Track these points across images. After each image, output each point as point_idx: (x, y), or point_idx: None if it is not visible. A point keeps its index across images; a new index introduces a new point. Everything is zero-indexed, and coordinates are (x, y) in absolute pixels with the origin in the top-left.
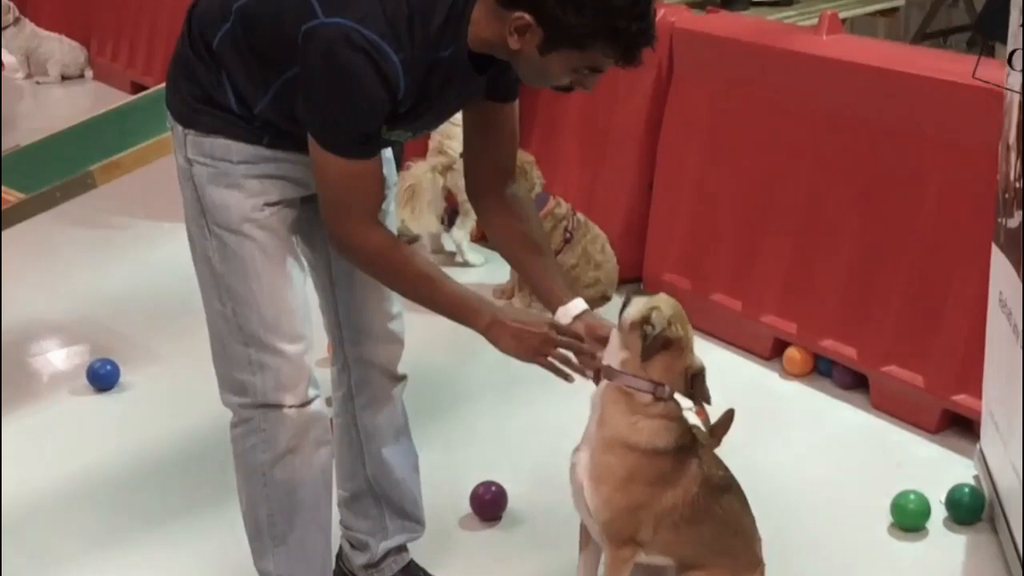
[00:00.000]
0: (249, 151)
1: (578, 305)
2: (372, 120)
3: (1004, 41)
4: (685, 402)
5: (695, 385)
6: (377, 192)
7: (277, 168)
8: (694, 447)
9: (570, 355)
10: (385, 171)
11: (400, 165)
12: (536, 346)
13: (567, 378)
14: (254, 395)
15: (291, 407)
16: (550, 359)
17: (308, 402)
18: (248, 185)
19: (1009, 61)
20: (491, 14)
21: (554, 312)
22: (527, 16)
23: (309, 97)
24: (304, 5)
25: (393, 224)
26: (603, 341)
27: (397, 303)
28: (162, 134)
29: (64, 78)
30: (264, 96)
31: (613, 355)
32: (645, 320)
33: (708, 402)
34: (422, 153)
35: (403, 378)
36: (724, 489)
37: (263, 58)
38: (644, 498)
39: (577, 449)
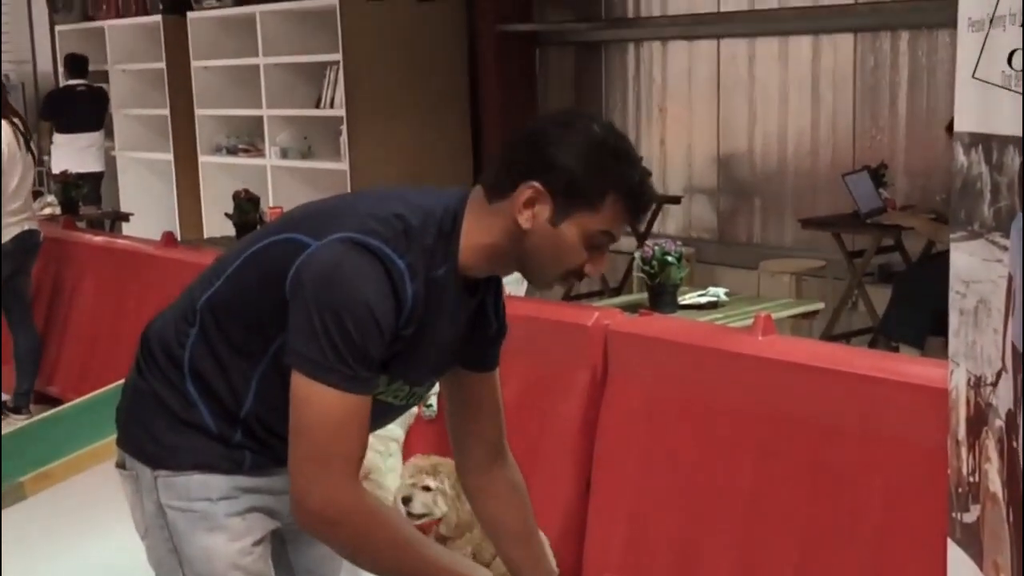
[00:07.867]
0: (229, 485)
1: None
2: (377, 335)
3: (907, 341)
4: None
5: None
6: (365, 441)
7: (258, 500)
8: None
9: None
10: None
11: None
12: None
13: None
14: None
15: None
16: None
17: None
18: (232, 525)
19: (1009, 61)
20: (485, 214)
21: None
22: (536, 183)
23: (304, 323)
24: (289, 246)
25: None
26: None
27: None
28: (94, 442)
29: None
30: (248, 390)
31: None
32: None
33: None
34: None
35: None
36: None
37: (243, 343)
38: None
39: None
